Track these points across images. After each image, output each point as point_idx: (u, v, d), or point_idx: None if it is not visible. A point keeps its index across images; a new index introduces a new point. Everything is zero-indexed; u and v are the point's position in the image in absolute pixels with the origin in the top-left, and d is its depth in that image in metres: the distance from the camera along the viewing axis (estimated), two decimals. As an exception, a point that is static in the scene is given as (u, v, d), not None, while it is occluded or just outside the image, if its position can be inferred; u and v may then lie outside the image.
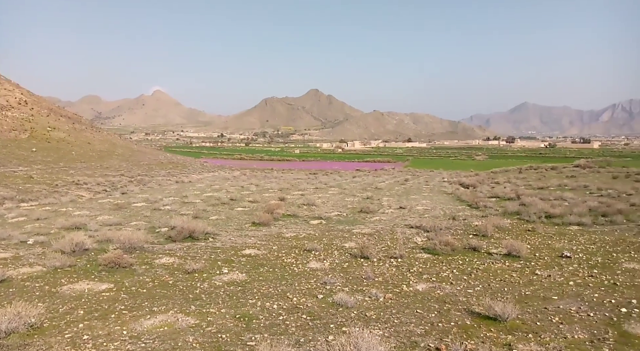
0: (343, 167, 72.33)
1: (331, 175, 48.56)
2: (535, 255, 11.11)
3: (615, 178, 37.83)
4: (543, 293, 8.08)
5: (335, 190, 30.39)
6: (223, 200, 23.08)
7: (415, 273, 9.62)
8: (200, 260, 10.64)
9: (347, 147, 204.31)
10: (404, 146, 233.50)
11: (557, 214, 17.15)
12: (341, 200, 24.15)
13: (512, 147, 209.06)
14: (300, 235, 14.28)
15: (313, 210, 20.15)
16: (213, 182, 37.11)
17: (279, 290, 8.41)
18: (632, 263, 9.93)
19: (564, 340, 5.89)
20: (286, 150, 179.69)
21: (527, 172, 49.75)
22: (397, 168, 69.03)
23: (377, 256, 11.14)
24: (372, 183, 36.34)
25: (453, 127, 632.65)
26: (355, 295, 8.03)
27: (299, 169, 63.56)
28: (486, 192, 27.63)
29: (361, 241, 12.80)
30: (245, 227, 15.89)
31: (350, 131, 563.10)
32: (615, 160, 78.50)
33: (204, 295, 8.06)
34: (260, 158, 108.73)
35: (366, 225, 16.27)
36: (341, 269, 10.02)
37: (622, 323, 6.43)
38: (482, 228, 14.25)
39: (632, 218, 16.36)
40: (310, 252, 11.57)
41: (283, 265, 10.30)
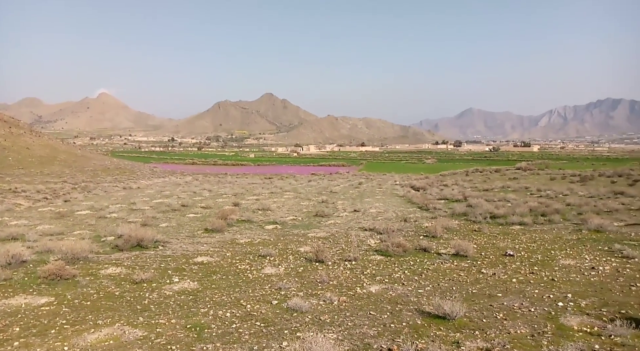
0: (298, 171, 72.34)
1: (287, 180, 48.42)
2: (481, 254, 11.62)
3: (553, 180, 40.41)
4: (488, 290, 8.46)
5: (290, 194, 30.33)
6: (174, 207, 22.38)
7: (369, 275, 9.78)
8: (149, 269, 10.25)
9: (302, 151, 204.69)
10: (358, 150, 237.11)
11: (501, 214, 18.06)
12: (297, 205, 24.13)
13: (459, 151, 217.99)
14: (254, 240, 14.11)
15: (268, 215, 19.99)
16: (163, 188, 35.92)
17: (233, 297, 8.25)
18: (568, 260, 10.62)
19: (508, 335, 6.19)
20: (240, 154, 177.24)
21: (473, 174, 52.05)
22: (352, 172, 69.98)
23: (332, 259, 11.22)
24: (327, 187, 36.60)
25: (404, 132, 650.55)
26: (310, 299, 8.04)
27: (253, 174, 62.84)
28: (436, 194, 28.61)
29: (316, 245, 12.84)
30: (198, 234, 15.49)
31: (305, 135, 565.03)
32: (553, 163, 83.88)
33: (153, 306, 7.77)
34: (214, 163, 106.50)
35: (321, 229, 16.35)
36: (296, 274, 9.99)
37: (559, 317, 6.85)
38: (432, 229, 14.74)
39: (567, 217, 17.52)
40: (265, 258, 11.46)
41: (237, 272, 10.13)
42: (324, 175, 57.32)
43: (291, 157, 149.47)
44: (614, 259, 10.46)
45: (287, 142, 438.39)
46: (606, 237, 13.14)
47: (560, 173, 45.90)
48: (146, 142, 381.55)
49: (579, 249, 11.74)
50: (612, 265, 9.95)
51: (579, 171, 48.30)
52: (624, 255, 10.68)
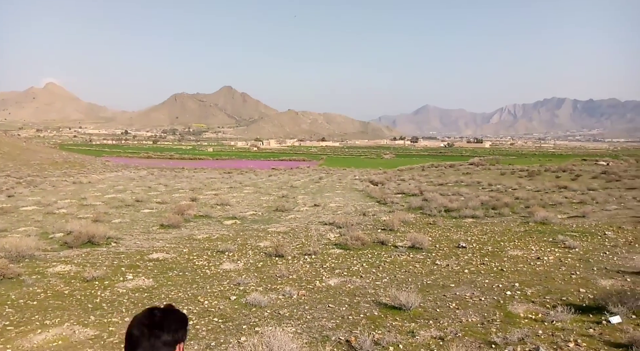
0: (259, 165, 71.63)
1: (246, 174, 47.85)
2: (436, 246, 12.03)
3: (503, 175, 42.33)
4: (442, 281, 8.78)
5: (250, 189, 30.03)
6: (127, 202, 21.60)
7: (328, 269, 9.89)
8: (102, 266, 9.86)
9: (262, 146, 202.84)
10: (318, 145, 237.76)
11: (454, 208, 18.74)
12: (256, 199, 23.94)
13: (416, 147, 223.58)
14: (213, 236, 13.90)
15: (227, 209, 19.71)
16: (116, 183, 34.54)
17: (190, 294, 8.11)
18: (516, 251, 11.19)
19: (460, 324, 6.46)
20: (198, 148, 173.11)
21: (429, 169, 53.61)
22: (312, 166, 70.14)
23: (291, 254, 11.25)
24: (287, 181, 36.52)
25: (364, 127, 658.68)
26: (269, 294, 8.03)
27: (212, 168, 61.60)
28: (393, 189, 29.26)
29: (276, 239, 12.84)
30: (153, 230, 15.05)
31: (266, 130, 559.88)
32: (503, 158, 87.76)
33: (106, 304, 7.50)
34: (170, 157, 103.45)
35: (281, 224, 16.34)
36: (255, 269, 9.95)
37: (507, 305, 7.22)
38: (390, 222, 15.10)
39: (516, 210, 18.45)
40: (223, 253, 11.32)
41: (194, 268, 9.95)
42: (285, 170, 57.13)
43: (251, 152, 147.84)
44: (557, 249, 11.12)
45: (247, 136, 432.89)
46: (551, 229, 13.94)
47: (510, 169, 48.16)
48: (98, 134, 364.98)
49: (526, 240, 12.39)
50: (556, 255, 10.58)
51: (527, 166, 50.84)
52: (566, 245, 11.37)
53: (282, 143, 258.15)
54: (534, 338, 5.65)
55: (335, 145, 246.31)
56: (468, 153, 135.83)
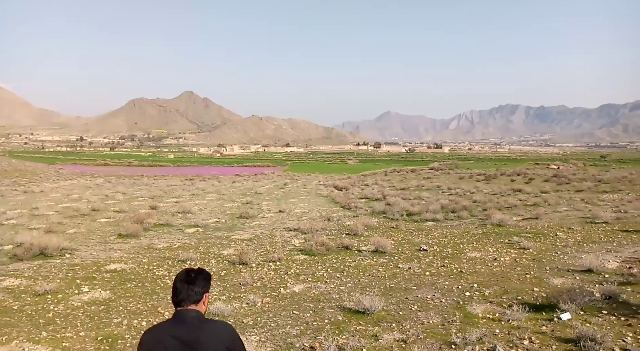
0: (222, 172, 70.45)
1: (209, 181, 46.97)
2: (398, 249, 12.25)
3: (462, 179, 43.75)
4: (404, 284, 8.95)
5: (213, 196, 29.51)
6: (83, 211, 20.71)
7: (293, 275, 9.86)
8: (55, 279, 9.39)
9: (225, 152, 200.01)
10: (283, 151, 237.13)
11: (416, 212, 19.17)
12: (220, 206, 23.55)
13: (378, 152, 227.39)
14: (174, 245, 13.55)
15: (189, 217, 19.28)
16: (71, 191, 33.03)
17: (149, 305, 7.86)
18: (474, 253, 11.57)
19: (422, 325, 6.61)
20: (159, 155, 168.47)
21: (391, 174, 54.62)
22: (277, 172, 69.78)
23: (255, 261, 11.13)
24: (252, 188, 36.15)
25: (327, 133, 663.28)
26: (232, 302, 7.91)
27: (173, 175, 60.07)
28: (357, 194, 29.59)
29: (240, 247, 12.68)
30: (110, 240, 14.50)
31: (229, 135, 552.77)
32: (462, 163, 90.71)
33: (59, 319, 7.15)
34: (129, 164, 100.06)
35: (245, 231, 16.15)
36: (218, 277, 9.77)
37: (467, 306, 7.44)
38: (354, 227, 15.25)
39: (474, 213, 19.09)
40: (185, 262, 11.05)
41: (154, 279, 9.66)
42: (249, 176, 56.56)
43: (214, 158, 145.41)
44: (512, 250, 11.59)
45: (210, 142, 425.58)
46: (506, 231, 14.52)
47: (468, 173, 49.83)
48: (51, 141, 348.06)
49: (484, 242, 12.84)
50: (512, 255, 11.02)
51: (484, 170, 52.78)
52: (521, 246, 11.87)
53: (246, 149, 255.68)
54: (492, 338, 5.85)
55: (299, 151, 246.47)
56: (428, 158, 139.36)
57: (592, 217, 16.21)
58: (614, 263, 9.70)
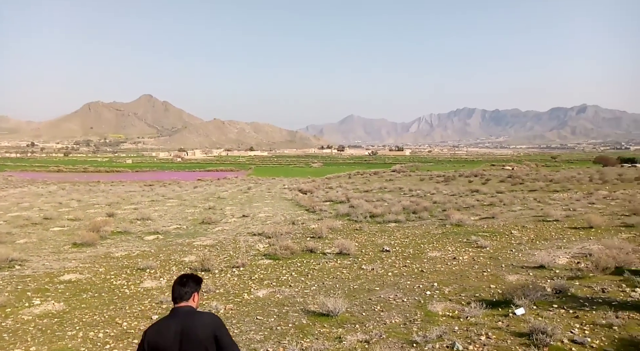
0: (183, 177, 68.82)
1: (170, 186, 45.79)
2: (362, 251, 12.41)
3: (422, 180, 44.86)
4: (368, 285, 9.07)
5: (174, 201, 28.79)
6: (34, 220, 19.68)
7: (257, 280, 9.78)
8: (3, 292, 8.87)
9: (187, 156, 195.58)
10: (246, 155, 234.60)
11: (379, 214, 19.48)
12: (181, 212, 23.01)
13: (342, 155, 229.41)
14: (133, 253, 13.12)
15: (148, 224, 18.73)
16: (21, 199, 31.29)
17: (107, 316, 7.58)
18: (435, 252, 11.90)
19: (384, 325, 6.72)
20: (116, 160, 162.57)
21: (355, 177, 55.25)
22: (240, 176, 68.91)
23: (218, 267, 10.96)
24: (214, 192, 35.53)
25: (291, 136, 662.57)
26: (194, 310, 7.74)
27: (132, 181, 58.12)
28: (322, 197, 29.73)
29: (202, 253, 12.45)
30: (65, 249, 13.86)
31: (190, 139, 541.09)
32: (422, 165, 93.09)
33: (7, 334, 6.76)
34: (84, 170, 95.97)
35: (208, 237, 15.86)
36: (179, 285, 9.54)
37: (427, 304, 7.64)
38: (318, 230, 15.32)
39: (434, 214, 19.62)
40: (144, 271, 10.73)
41: (111, 288, 9.32)
42: (211, 181, 55.55)
43: (175, 163, 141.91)
44: (471, 249, 12.00)
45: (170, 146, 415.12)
46: (465, 230, 15.01)
47: (428, 175, 51.16)
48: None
49: (444, 242, 13.22)
50: (470, 254, 11.41)
51: (443, 172, 54.36)
52: (478, 245, 12.31)
53: (208, 153, 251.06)
54: (451, 335, 6.03)
55: (263, 155, 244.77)
56: (390, 160, 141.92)
57: (544, 216, 17.02)
58: (564, 259, 10.23)
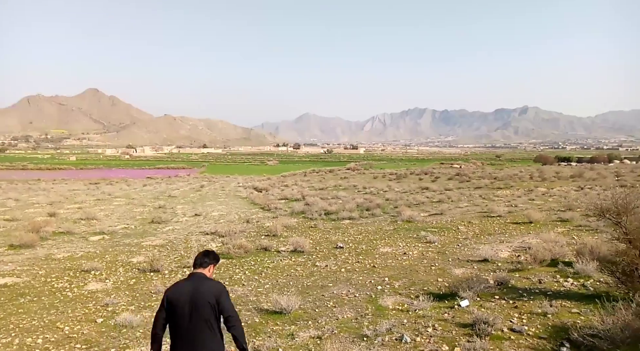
0: (131, 175, 66.14)
1: (117, 185, 43.88)
2: (316, 248, 12.51)
3: (376, 178, 45.80)
4: (321, 282, 9.17)
5: (121, 200, 27.63)
6: (-36, 221, 18.24)
7: (209, 280, 9.59)
8: None
9: (136, 153, 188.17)
10: (199, 152, 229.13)
11: (333, 211, 19.70)
12: (129, 211, 22.13)
13: (298, 153, 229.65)
14: (76, 254, 12.48)
15: (94, 224, 17.88)
16: (-52, 199, 28.87)
17: (47, 320, 7.17)
18: (386, 248, 12.21)
19: (336, 321, 6.83)
20: (58, 157, 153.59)
21: (310, 175, 55.49)
22: (193, 174, 67.17)
23: (169, 267, 10.67)
24: (165, 191, 34.44)
25: (246, 134, 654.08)
26: (142, 312, 7.50)
27: (76, 179, 55.15)
28: (277, 195, 29.61)
29: (151, 254, 12.08)
30: (0, 252, 12.95)
31: (139, 136, 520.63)
32: (375, 163, 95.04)
33: None
34: (23, 168, 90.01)
35: (158, 236, 15.37)
36: (127, 287, 9.21)
37: (378, 299, 7.84)
38: (273, 228, 15.27)
39: (386, 211, 20.11)
40: (88, 273, 10.25)
41: (52, 292, 8.83)
42: (162, 179, 53.77)
43: (123, 160, 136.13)
44: (420, 244, 12.42)
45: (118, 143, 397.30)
46: (415, 226, 15.50)
47: (381, 173, 52.34)
48: None
49: (395, 238, 13.59)
50: (419, 249, 11.81)
51: (395, 170, 55.80)
52: (427, 240, 12.76)
53: (158, 150, 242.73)
54: (400, 328, 6.23)
55: (217, 152, 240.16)
56: (345, 158, 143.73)
57: (488, 212, 17.89)
58: (506, 253, 10.83)
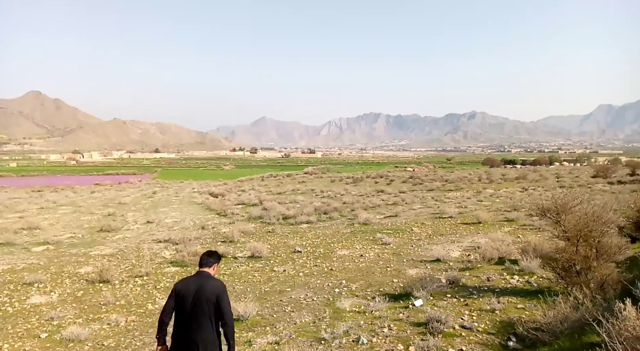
0: (78, 181, 62.87)
1: (63, 192, 41.59)
2: (274, 253, 12.46)
3: (333, 182, 46.17)
4: (279, 287, 9.14)
5: (67, 208, 26.23)
6: None
7: (162, 289, 9.32)
8: None
9: (83, 159, 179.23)
10: (151, 157, 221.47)
11: (291, 215, 19.69)
12: (76, 220, 21.06)
13: (255, 157, 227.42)
14: (17, 266, 11.73)
15: (37, 234, 16.86)
16: None
17: (-17, 340, 6.70)
18: (344, 251, 12.35)
19: (294, 325, 6.83)
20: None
21: (268, 179, 55.08)
22: (145, 180, 64.83)
23: (119, 277, 10.27)
24: (115, 198, 33.04)
25: (201, 138, 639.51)
26: (91, 325, 7.18)
27: (16, 186, 51.73)
28: (234, 200, 29.18)
29: (100, 264, 11.54)
30: None
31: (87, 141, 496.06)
32: (333, 167, 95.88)
33: None
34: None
35: (107, 245, 14.75)
36: (74, 299, 8.77)
37: (336, 302, 7.91)
38: (230, 234, 15.05)
39: (343, 214, 20.34)
40: (31, 285, 9.66)
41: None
42: (111, 185, 51.53)
43: (69, 166, 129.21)
44: (376, 246, 12.66)
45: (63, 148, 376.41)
46: (371, 228, 15.79)
47: (339, 176, 52.88)
48: None
49: (352, 240, 13.78)
50: (375, 251, 12.04)
51: (352, 174, 56.53)
52: (383, 242, 13.03)
53: (107, 155, 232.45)
54: (357, 329, 6.32)
55: (170, 157, 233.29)
56: (303, 162, 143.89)
57: (440, 213, 18.52)
58: (457, 252, 11.25)
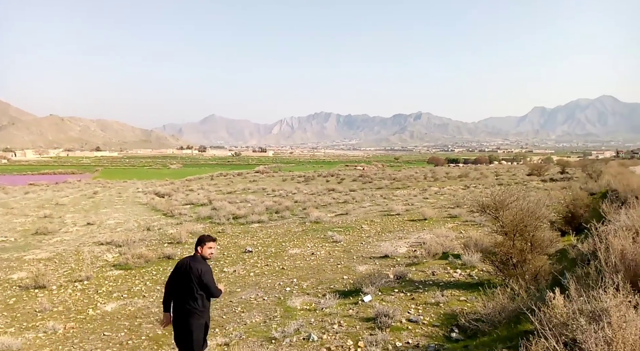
0: (10, 181, 58.30)
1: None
2: (224, 253, 12.25)
3: (285, 181, 46.08)
4: (229, 287, 9.00)
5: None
6: None
7: (105, 294, 8.91)
8: None
9: (15, 157, 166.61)
10: (92, 155, 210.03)
11: (242, 215, 19.43)
12: (8, 222, 19.57)
13: (204, 156, 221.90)
14: (-63, 275, 10.72)
15: (-40, 239, 15.50)
16: None
17: None
18: (295, 249, 12.37)
19: (244, 326, 6.76)
20: None
21: (218, 178, 53.98)
22: (85, 180, 61.28)
23: (57, 282, 9.69)
24: (51, 199, 30.99)
25: (146, 136, 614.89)
26: (25, 334, 6.72)
27: None
28: (181, 200, 28.33)
29: (36, 268, 10.81)
30: None
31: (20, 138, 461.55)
32: (284, 166, 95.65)
33: None
34: None
35: (43, 249, 13.84)
36: (5, 307, 8.17)
37: (287, 300, 7.92)
38: (177, 235, 14.59)
39: (295, 213, 20.35)
40: (-46, 295, 8.87)
41: None
42: (48, 185, 48.27)
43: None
44: (327, 244, 12.79)
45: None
46: (322, 227, 15.92)
47: (290, 175, 52.84)
48: None
49: (303, 239, 13.83)
50: (326, 249, 12.16)
51: (303, 173, 56.67)
52: (334, 240, 13.18)
53: (43, 153, 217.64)
54: (308, 327, 6.37)
55: (113, 155, 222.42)
56: (254, 161, 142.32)
57: (388, 210, 19.02)
58: (404, 248, 11.61)
